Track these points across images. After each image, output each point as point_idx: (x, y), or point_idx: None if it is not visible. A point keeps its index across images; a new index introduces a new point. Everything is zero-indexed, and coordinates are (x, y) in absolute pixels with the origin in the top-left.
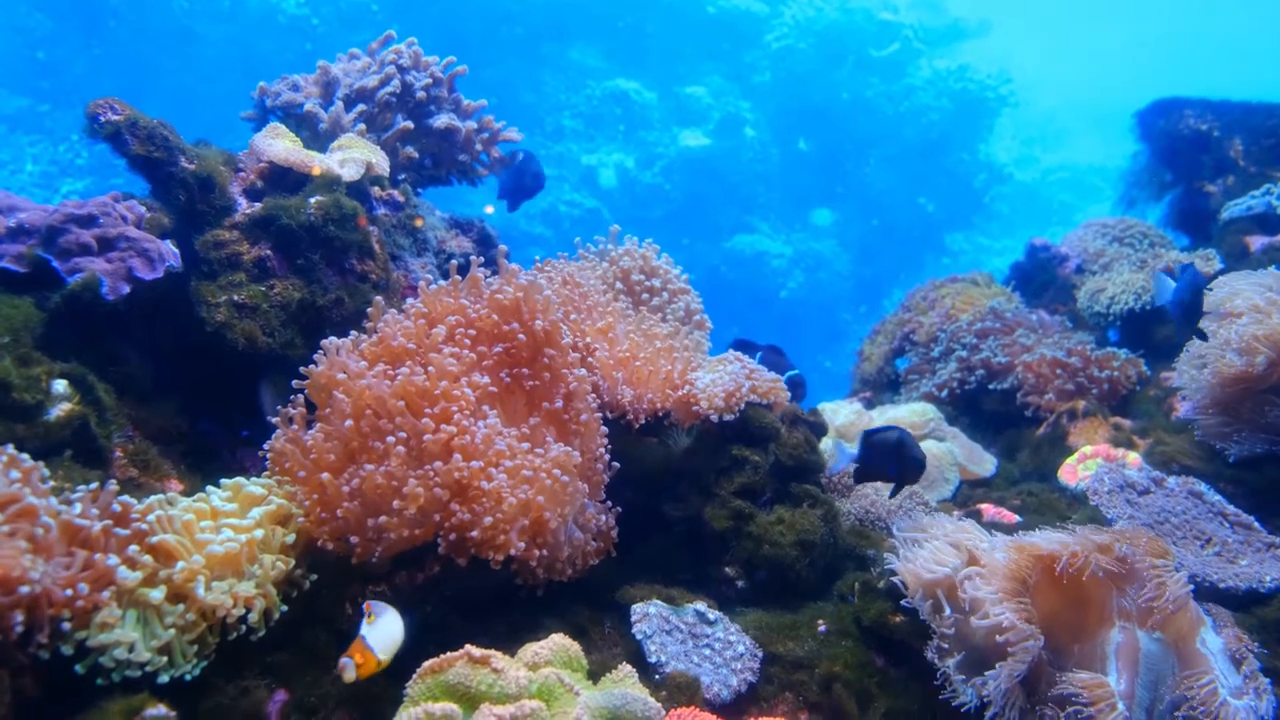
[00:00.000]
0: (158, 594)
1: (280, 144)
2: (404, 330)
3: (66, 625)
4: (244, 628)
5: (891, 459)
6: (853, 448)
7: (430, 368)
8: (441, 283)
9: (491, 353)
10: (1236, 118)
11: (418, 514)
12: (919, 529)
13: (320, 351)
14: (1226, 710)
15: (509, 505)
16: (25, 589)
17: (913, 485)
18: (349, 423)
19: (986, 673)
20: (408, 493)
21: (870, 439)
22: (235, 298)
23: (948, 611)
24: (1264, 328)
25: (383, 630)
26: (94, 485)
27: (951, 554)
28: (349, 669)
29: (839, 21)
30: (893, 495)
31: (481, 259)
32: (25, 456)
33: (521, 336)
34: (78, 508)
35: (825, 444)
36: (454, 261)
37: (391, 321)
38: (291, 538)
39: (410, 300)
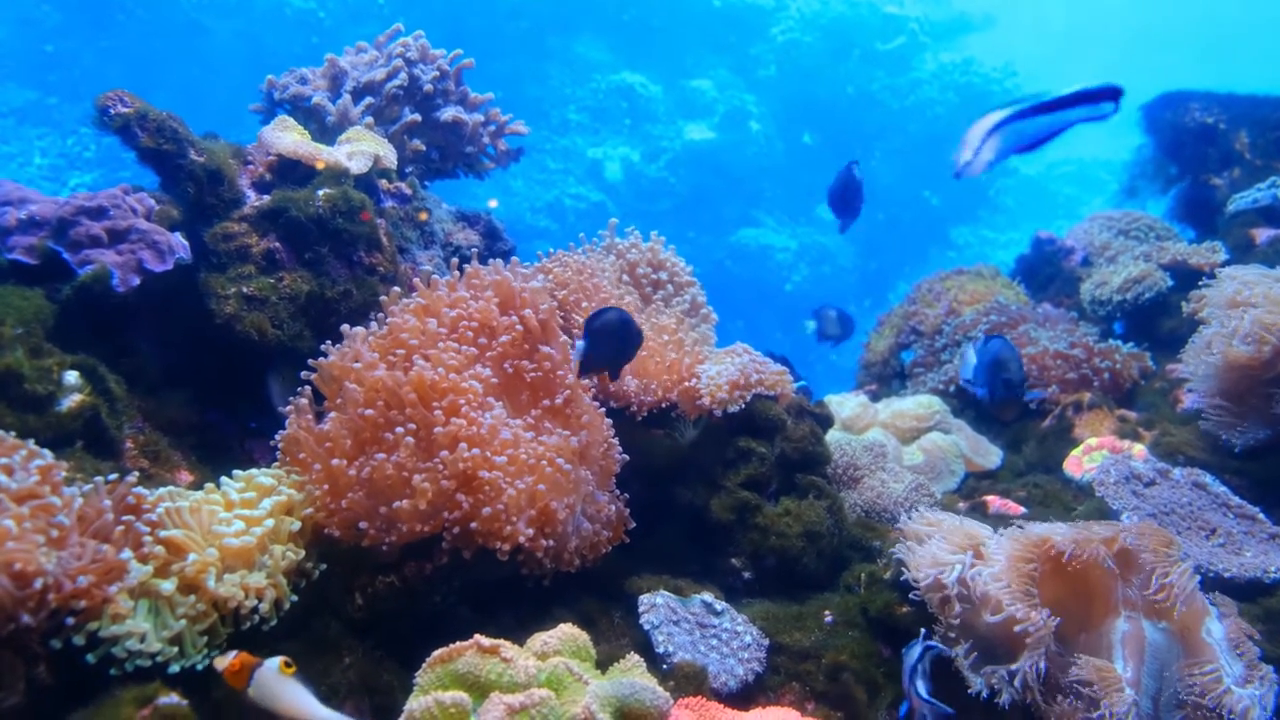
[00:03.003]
0: (169, 585)
1: (288, 137)
2: (409, 324)
3: (79, 616)
4: (256, 618)
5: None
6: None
7: (429, 360)
8: (437, 277)
9: (494, 344)
10: (1242, 110)
11: (428, 507)
12: (926, 523)
13: (329, 343)
14: (1230, 699)
15: (509, 496)
16: (40, 581)
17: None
18: (368, 411)
19: (1004, 666)
20: (415, 486)
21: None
22: (244, 290)
23: (956, 604)
24: (1273, 316)
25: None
26: (113, 477)
27: (959, 546)
28: (224, 660)
29: (844, 15)
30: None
31: (487, 252)
32: (44, 450)
33: (520, 328)
34: (93, 500)
35: (831, 436)
36: (453, 259)
37: (398, 313)
38: (298, 525)
39: (405, 300)
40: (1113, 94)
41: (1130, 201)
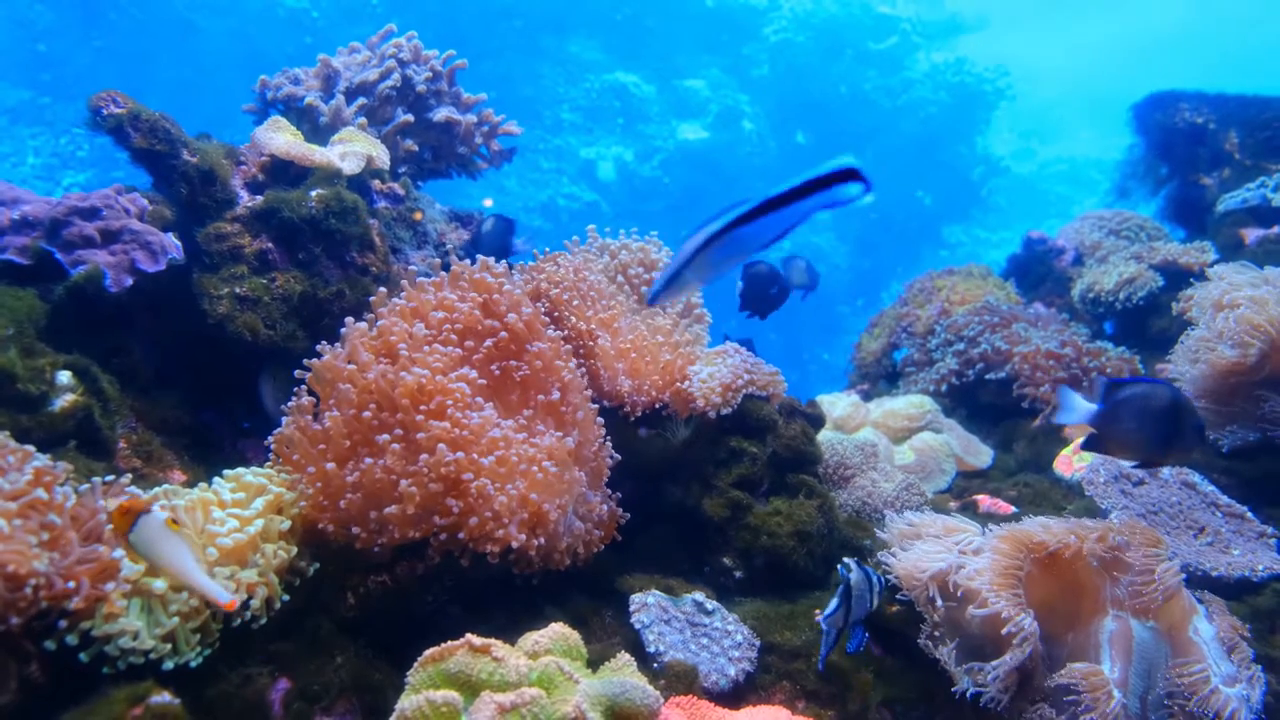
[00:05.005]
0: (161, 584)
1: (281, 137)
2: (397, 326)
3: (72, 616)
4: (247, 615)
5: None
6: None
7: (420, 363)
8: (422, 279)
9: (481, 346)
10: (1232, 111)
11: (416, 512)
12: (911, 525)
13: (324, 343)
14: (1218, 697)
15: (499, 503)
16: (32, 582)
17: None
18: (362, 413)
19: (990, 663)
20: (402, 492)
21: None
22: (237, 290)
23: (939, 602)
24: (1258, 318)
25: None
26: (110, 478)
27: (945, 546)
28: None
29: (837, 15)
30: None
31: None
32: (38, 453)
33: (504, 333)
34: (87, 501)
35: (823, 435)
36: (439, 259)
37: (386, 315)
38: (287, 524)
39: (395, 300)
40: (852, 175)
41: (1122, 202)
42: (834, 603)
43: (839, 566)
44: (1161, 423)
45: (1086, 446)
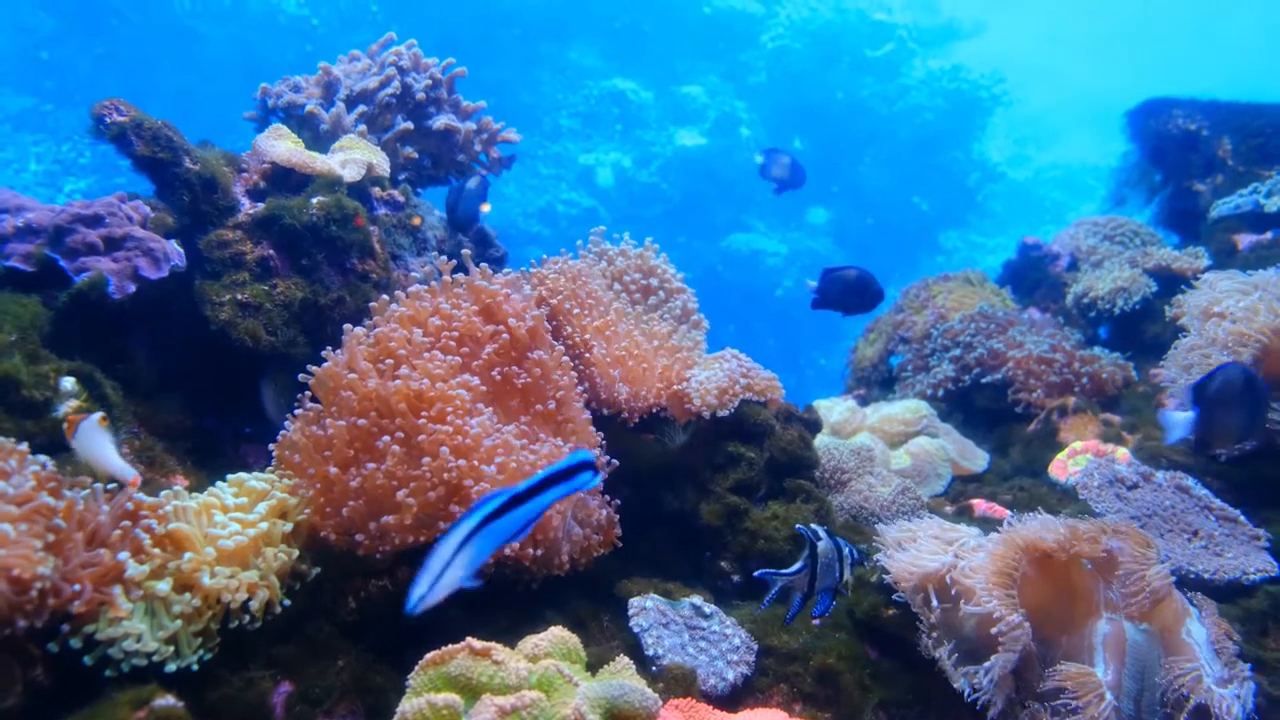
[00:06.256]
0: (164, 586)
1: (283, 145)
2: (396, 334)
3: (75, 619)
4: (247, 617)
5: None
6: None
7: (417, 370)
8: (418, 287)
9: (481, 353)
10: (1225, 117)
11: (415, 520)
12: (907, 529)
13: (330, 349)
14: (1210, 698)
15: None
16: (37, 586)
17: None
18: (362, 421)
19: (983, 664)
20: (400, 502)
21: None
22: (239, 297)
23: (936, 604)
24: (1248, 327)
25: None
26: (113, 486)
27: (940, 548)
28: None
29: (834, 22)
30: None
31: (479, 258)
32: (41, 456)
33: (506, 336)
34: (91, 506)
35: (819, 440)
36: (436, 266)
37: (385, 322)
38: (289, 527)
39: (393, 306)
40: (587, 466)
41: (1118, 210)
42: (797, 564)
43: (801, 528)
44: (1246, 399)
45: (1198, 451)
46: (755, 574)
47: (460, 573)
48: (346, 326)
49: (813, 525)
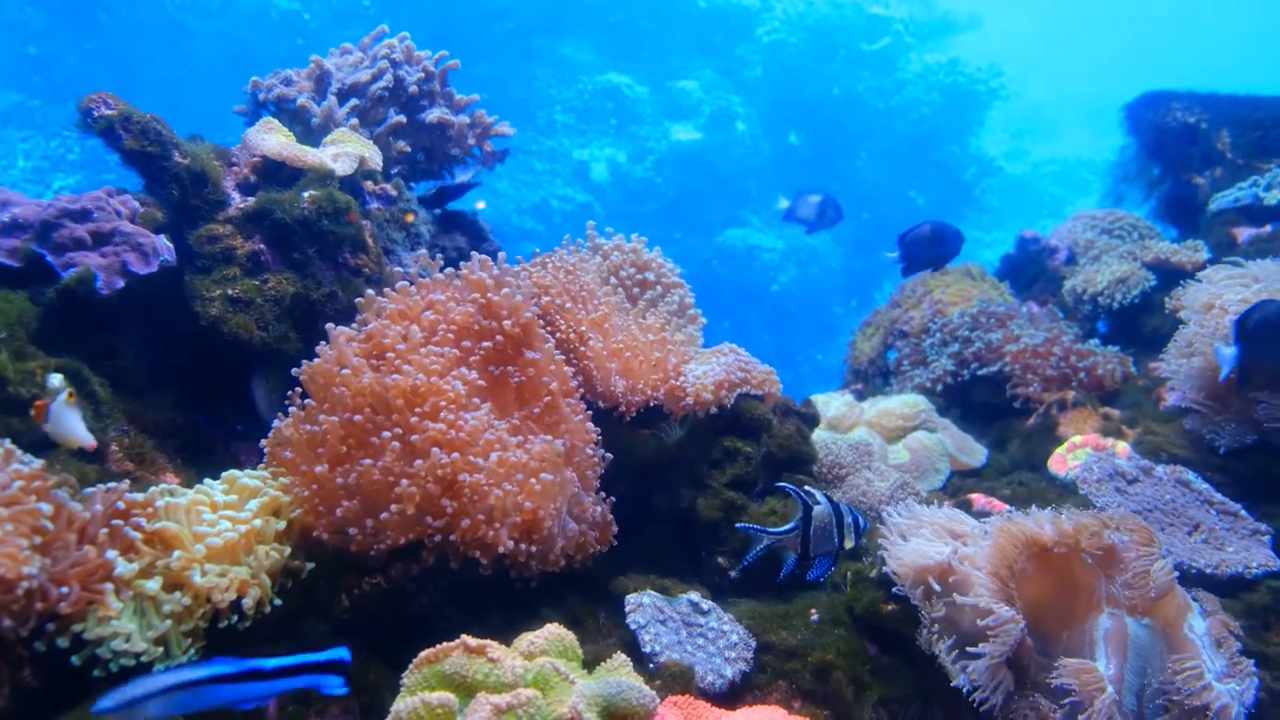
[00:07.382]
0: (154, 585)
1: (273, 138)
2: (389, 329)
3: (63, 619)
4: (237, 616)
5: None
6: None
7: (413, 365)
8: (405, 283)
9: (477, 348)
10: (1223, 110)
11: (415, 513)
12: (910, 519)
13: (323, 344)
14: (1211, 693)
15: (494, 498)
16: (24, 585)
17: None
18: (357, 417)
19: (978, 651)
20: (401, 493)
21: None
22: (229, 292)
23: (937, 597)
24: None
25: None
26: (110, 485)
27: (942, 541)
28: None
29: (830, 16)
30: None
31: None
32: (28, 455)
33: (500, 336)
34: (79, 504)
35: (817, 435)
36: (419, 257)
37: (376, 318)
38: (282, 524)
39: (380, 300)
40: (342, 667)
41: (1116, 205)
42: (789, 525)
43: (792, 488)
44: None
45: (1242, 384)
46: (737, 525)
47: (161, 708)
48: (329, 326)
49: (808, 488)
